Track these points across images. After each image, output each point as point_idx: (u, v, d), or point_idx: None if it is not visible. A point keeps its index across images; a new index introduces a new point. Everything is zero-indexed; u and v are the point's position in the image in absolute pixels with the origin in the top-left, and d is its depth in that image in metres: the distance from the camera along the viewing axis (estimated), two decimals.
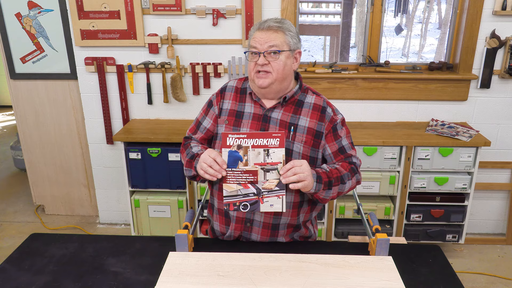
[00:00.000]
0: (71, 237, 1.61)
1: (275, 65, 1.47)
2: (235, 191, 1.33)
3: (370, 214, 1.63)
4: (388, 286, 1.27)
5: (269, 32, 1.46)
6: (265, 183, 1.32)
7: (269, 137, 1.32)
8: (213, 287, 1.26)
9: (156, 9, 2.76)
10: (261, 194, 1.32)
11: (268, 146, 1.32)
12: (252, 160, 1.32)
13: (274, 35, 1.46)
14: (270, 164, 1.32)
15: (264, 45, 1.46)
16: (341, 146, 1.54)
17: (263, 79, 1.47)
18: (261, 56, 1.46)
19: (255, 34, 1.49)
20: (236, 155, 1.32)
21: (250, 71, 1.50)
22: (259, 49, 1.46)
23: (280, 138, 1.32)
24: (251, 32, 1.52)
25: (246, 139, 1.32)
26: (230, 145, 1.33)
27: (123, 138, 2.72)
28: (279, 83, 1.50)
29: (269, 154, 1.32)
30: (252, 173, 1.32)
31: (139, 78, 2.96)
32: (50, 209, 3.46)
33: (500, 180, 3.04)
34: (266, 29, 1.47)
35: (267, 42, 1.46)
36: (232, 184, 1.33)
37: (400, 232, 2.82)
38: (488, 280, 2.67)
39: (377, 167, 2.70)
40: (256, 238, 1.56)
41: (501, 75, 2.79)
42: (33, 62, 3.02)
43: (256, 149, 1.32)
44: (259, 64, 1.46)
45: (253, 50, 1.47)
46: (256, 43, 1.47)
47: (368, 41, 2.94)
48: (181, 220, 2.86)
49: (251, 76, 1.50)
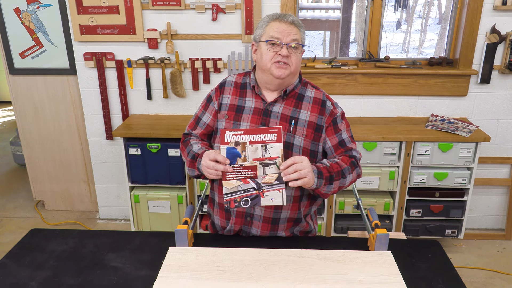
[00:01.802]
0: (71, 232, 1.61)
1: (294, 58, 1.47)
2: (235, 187, 1.33)
3: (369, 210, 1.63)
4: (387, 281, 1.27)
5: (291, 25, 1.47)
6: (264, 177, 1.32)
7: (266, 132, 1.32)
8: (213, 282, 1.26)
9: (155, 4, 2.75)
10: (261, 188, 1.32)
11: (265, 141, 1.32)
12: (250, 155, 1.32)
13: (295, 29, 1.47)
14: (268, 159, 1.32)
15: (287, 38, 1.45)
16: (341, 140, 1.54)
17: (283, 69, 1.47)
18: (284, 47, 1.45)
19: (275, 25, 1.47)
20: (234, 151, 1.32)
21: (266, 61, 1.47)
22: (283, 40, 1.45)
23: (278, 133, 1.32)
24: (264, 22, 1.51)
25: (244, 135, 1.32)
26: (228, 142, 1.33)
27: (122, 134, 2.72)
28: (292, 77, 1.52)
29: (267, 149, 1.32)
30: (251, 169, 1.32)
31: (139, 73, 2.95)
32: (50, 205, 3.46)
33: (499, 176, 3.05)
34: (290, 22, 1.47)
35: (290, 35, 1.46)
36: (232, 180, 1.33)
37: (400, 227, 2.83)
38: (487, 275, 2.68)
39: (376, 163, 2.70)
40: (256, 232, 1.57)
41: (501, 71, 2.79)
42: (32, 57, 3.01)
43: (254, 145, 1.32)
44: (282, 55, 1.45)
45: (275, 40, 1.46)
46: (278, 34, 1.46)
47: (368, 36, 2.93)
48: (181, 216, 2.86)
49: (267, 66, 1.48)
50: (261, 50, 1.49)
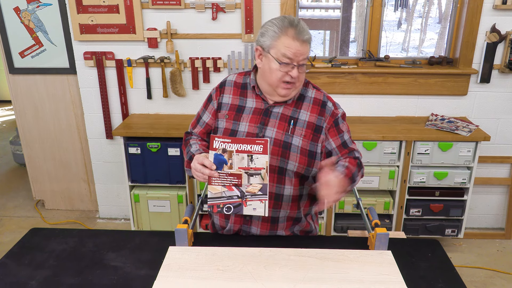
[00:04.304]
0: (71, 231, 1.61)
1: (301, 76, 1.46)
2: (219, 193, 1.35)
3: (369, 209, 1.63)
4: (387, 280, 1.27)
5: (304, 44, 1.41)
6: (248, 186, 1.34)
7: (253, 143, 1.33)
8: (213, 281, 1.26)
9: (155, 3, 2.74)
10: (244, 197, 1.34)
11: (251, 152, 1.33)
12: (236, 164, 1.34)
13: (307, 47, 1.43)
14: (253, 169, 1.33)
15: (299, 57, 1.41)
16: (344, 141, 1.54)
17: (289, 90, 1.46)
18: (295, 69, 1.42)
19: (287, 41, 1.39)
20: (221, 158, 1.34)
21: (274, 79, 1.43)
22: (294, 62, 1.41)
23: (264, 145, 1.32)
24: (275, 31, 1.40)
25: (231, 144, 1.33)
26: (216, 148, 1.34)
27: (122, 133, 2.72)
28: (297, 91, 1.52)
29: (253, 160, 1.33)
30: (236, 176, 1.34)
31: (139, 72, 2.95)
32: (50, 204, 3.46)
33: (499, 175, 3.05)
34: (304, 41, 1.40)
35: (302, 55, 1.42)
36: (217, 186, 1.35)
37: (400, 226, 2.83)
38: (487, 274, 2.68)
39: (376, 162, 2.70)
40: (256, 232, 1.57)
41: (501, 70, 2.79)
42: (32, 56, 3.01)
43: (240, 154, 1.33)
44: (292, 76, 1.42)
45: (288, 61, 1.40)
46: (291, 55, 1.39)
47: (368, 35, 2.93)
48: (180, 215, 2.86)
49: (274, 84, 1.45)
50: (270, 64, 1.43)
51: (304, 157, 1.49)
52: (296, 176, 1.51)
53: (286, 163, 1.49)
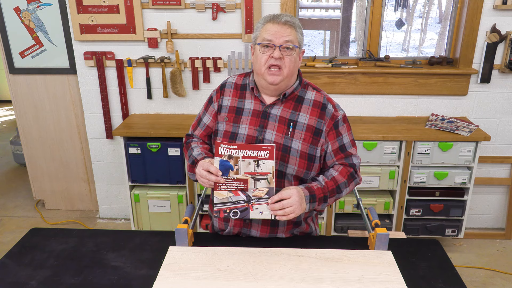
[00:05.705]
0: (71, 231, 1.61)
1: (287, 60, 1.45)
2: (225, 198, 1.35)
3: (369, 209, 1.63)
4: (387, 280, 1.27)
5: (285, 26, 1.43)
6: (255, 191, 1.34)
7: (259, 149, 1.33)
8: (213, 281, 1.26)
9: (155, 3, 2.74)
10: (251, 201, 1.34)
11: (258, 157, 1.33)
12: (242, 169, 1.34)
13: (289, 30, 1.44)
14: (260, 174, 1.33)
15: (280, 39, 1.42)
16: (342, 145, 1.53)
17: (276, 76, 1.45)
18: (277, 49, 1.42)
19: (268, 26, 1.44)
20: (227, 164, 1.34)
21: (260, 65, 1.46)
22: (275, 42, 1.43)
23: (270, 151, 1.32)
24: (260, 24, 1.48)
25: (237, 150, 1.33)
26: (221, 154, 1.34)
27: (122, 133, 2.72)
28: (288, 80, 1.49)
29: (259, 165, 1.33)
30: (242, 181, 1.34)
31: (139, 72, 2.95)
32: (50, 204, 3.46)
33: (499, 175, 3.05)
34: (283, 23, 1.43)
35: (283, 37, 1.43)
36: (223, 191, 1.35)
37: (400, 226, 2.83)
38: (487, 274, 2.68)
39: (376, 162, 2.70)
40: (255, 234, 1.56)
41: (501, 70, 2.79)
42: (32, 56, 3.01)
43: (247, 159, 1.33)
44: (274, 58, 1.43)
45: (267, 43, 1.43)
46: (271, 36, 1.43)
47: (368, 35, 2.93)
48: (181, 215, 2.86)
49: (261, 71, 1.47)
50: (256, 53, 1.48)
51: (303, 161, 1.49)
52: (295, 179, 1.51)
53: (286, 166, 1.48)
